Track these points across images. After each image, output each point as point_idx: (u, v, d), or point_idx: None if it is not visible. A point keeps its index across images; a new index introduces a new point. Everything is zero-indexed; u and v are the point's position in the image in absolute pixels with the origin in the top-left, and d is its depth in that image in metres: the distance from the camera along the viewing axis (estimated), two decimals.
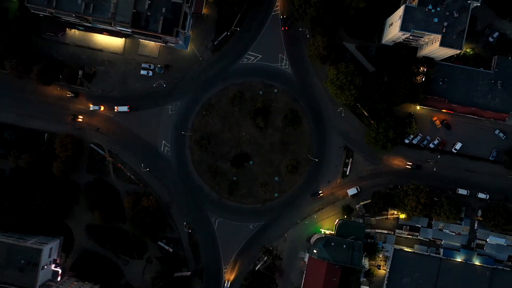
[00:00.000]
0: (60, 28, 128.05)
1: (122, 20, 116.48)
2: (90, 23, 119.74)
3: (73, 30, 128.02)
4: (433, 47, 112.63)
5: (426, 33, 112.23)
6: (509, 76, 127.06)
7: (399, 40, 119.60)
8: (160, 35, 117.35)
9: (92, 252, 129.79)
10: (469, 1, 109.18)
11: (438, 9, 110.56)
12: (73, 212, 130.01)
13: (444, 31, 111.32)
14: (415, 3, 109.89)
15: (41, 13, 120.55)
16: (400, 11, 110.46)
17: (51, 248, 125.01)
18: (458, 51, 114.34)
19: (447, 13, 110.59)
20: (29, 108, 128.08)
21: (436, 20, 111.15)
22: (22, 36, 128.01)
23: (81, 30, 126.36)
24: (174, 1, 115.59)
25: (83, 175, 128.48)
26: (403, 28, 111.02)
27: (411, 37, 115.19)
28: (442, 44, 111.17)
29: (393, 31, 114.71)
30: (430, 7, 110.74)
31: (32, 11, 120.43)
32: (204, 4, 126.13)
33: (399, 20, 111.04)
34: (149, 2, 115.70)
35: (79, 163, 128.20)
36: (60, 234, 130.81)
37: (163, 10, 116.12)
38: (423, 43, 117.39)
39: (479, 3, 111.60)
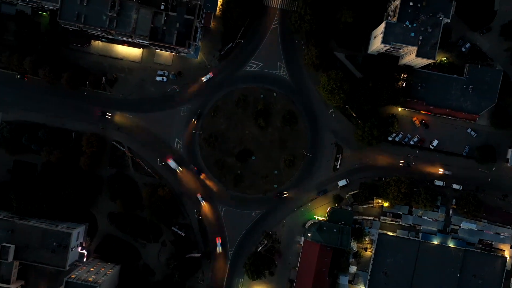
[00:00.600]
0: (85, 39, 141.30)
1: (141, 34, 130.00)
2: (112, 35, 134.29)
3: (97, 42, 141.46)
4: (411, 57, 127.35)
5: (404, 45, 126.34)
6: (479, 82, 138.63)
7: (382, 51, 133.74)
8: (174, 47, 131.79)
9: (114, 237, 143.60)
10: (440, 18, 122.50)
11: (414, 25, 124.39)
12: (97, 201, 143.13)
13: (419, 43, 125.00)
14: (395, 20, 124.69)
15: (70, 27, 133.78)
16: (382, 26, 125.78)
17: (78, 233, 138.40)
18: (432, 61, 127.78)
19: (422, 28, 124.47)
20: (59, 110, 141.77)
21: (412, 34, 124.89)
22: (53, 47, 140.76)
23: (104, 41, 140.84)
24: (186, 17, 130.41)
25: (106, 169, 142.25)
26: (384, 41, 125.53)
27: (392, 48, 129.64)
28: (418, 54, 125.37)
29: (377, 43, 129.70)
30: (407, 23, 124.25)
31: (62, 25, 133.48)
32: (212, 19, 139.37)
33: (381, 34, 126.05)
34: (165, 18, 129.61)
35: (102, 158, 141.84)
36: (85, 221, 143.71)
37: (177, 25, 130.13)
38: (403, 53, 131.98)
39: (449, 19, 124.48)
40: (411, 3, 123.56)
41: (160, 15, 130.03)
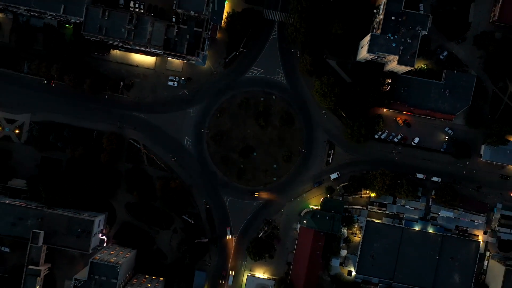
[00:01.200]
0: (105, 49, 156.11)
1: (156, 44, 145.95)
2: (130, 45, 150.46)
3: (115, 51, 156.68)
4: (393, 64, 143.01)
5: (387, 54, 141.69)
6: (455, 86, 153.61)
7: (368, 59, 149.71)
8: (185, 55, 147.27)
9: (130, 224, 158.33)
10: (418, 31, 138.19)
11: (396, 36, 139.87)
12: (116, 193, 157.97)
13: (400, 53, 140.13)
14: (379, 32, 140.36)
15: (92, 38, 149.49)
16: (368, 38, 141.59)
17: (99, 221, 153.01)
18: (411, 68, 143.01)
19: (402, 40, 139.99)
20: (82, 112, 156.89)
21: (394, 45, 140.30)
22: (77, 55, 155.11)
23: (122, 50, 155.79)
24: (195, 29, 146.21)
25: (123, 164, 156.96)
26: (369, 50, 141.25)
27: (376, 57, 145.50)
28: (399, 62, 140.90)
29: (364, 52, 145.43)
30: (389, 35, 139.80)
31: (85, 37, 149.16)
32: (218, 31, 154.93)
33: (367, 44, 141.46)
34: (177, 30, 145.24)
35: (120, 155, 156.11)
36: (105, 210, 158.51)
37: (187, 36, 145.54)
38: (386, 61, 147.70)
39: (427, 32, 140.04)
40: (393, 18, 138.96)
41: (172, 28, 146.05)
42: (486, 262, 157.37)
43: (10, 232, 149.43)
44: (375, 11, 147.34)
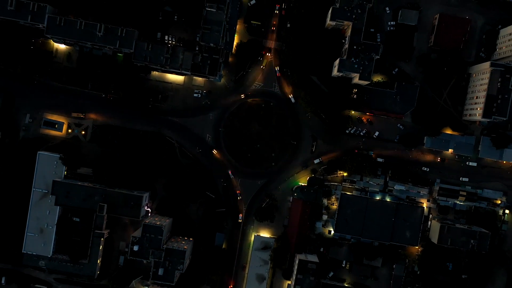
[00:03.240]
0: (148, 71, 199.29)
1: (185, 68, 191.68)
2: (166, 68, 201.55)
3: (155, 72, 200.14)
4: (357, 79, 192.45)
5: (351, 72, 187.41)
6: (404, 93, 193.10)
7: (339, 75, 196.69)
8: (206, 75, 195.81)
9: (167, 199, 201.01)
10: (373, 56, 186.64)
11: (357, 60, 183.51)
12: (157, 176, 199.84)
13: (360, 71, 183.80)
14: (345, 57, 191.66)
15: (139, 63, 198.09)
16: (337, 61, 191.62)
17: (145, 196, 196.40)
18: (369, 82, 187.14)
19: (362, 62, 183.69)
20: (131, 117, 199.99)
21: (356, 66, 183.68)
22: (127, 76, 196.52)
23: (159, 71, 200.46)
24: (214, 56, 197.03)
25: (162, 154, 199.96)
26: (339, 70, 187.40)
27: (344, 74, 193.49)
28: (360, 78, 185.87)
29: (335, 71, 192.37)
30: (352, 59, 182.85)
31: (134, 63, 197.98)
32: (229, 56, 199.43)
33: (337, 66, 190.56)
34: (200, 57, 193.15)
35: (160, 148, 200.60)
36: (149, 190, 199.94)
37: (208, 61, 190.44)
38: (352, 76, 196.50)
39: (379, 56, 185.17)
40: (355, 47, 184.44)
41: (197, 55, 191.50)
42: (429, 222, 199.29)
43: (81, 205, 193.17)
44: (343, 41, 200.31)
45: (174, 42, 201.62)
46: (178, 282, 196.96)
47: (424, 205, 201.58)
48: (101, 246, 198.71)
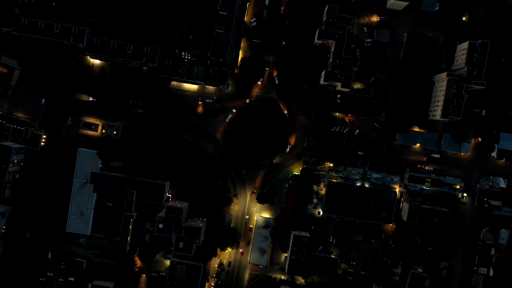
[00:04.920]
0: (168, 81, 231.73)
1: (199, 79, 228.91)
2: (183, 79, 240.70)
3: (174, 82, 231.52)
4: (339, 87, 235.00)
5: (335, 82, 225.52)
6: (379, 98, 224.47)
7: (326, 84, 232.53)
8: (217, 84, 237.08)
9: (184, 187, 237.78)
10: (352, 68, 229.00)
11: (340, 71, 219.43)
12: (175, 168, 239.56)
13: (342, 80, 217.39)
14: (329, 69, 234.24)
15: (161, 75, 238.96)
16: (323, 72, 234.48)
17: (167, 184, 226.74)
18: (349, 89, 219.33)
19: (343, 73, 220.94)
20: (155, 120, 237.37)
21: (338, 76, 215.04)
22: (150, 86, 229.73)
23: (177, 81, 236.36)
24: (223, 69, 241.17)
25: (180, 151, 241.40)
26: (324, 80, 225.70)
27: (329, 83, 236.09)
28: (341, 86, 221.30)
29: (322, 80, 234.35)
30: (335, 71, 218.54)
31: (157, 75, 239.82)
32: (235, 68, 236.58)
33: (323, 76, 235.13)
34: (212, 70, 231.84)
35: (178, 145, 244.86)
36: (170, 179, 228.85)
37: (218, 73, 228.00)
38: (335, 85, 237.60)
39: (357, 68, 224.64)
40: (337, 61, 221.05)
41: (209, 68, 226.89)
42: (401, 204, 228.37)
43: (114, 192, 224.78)
44: (328, 55, 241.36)
45: (189, 57, 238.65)
46: (195, 254, 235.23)
47: (397, 190, 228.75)
48: (130, 226, 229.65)
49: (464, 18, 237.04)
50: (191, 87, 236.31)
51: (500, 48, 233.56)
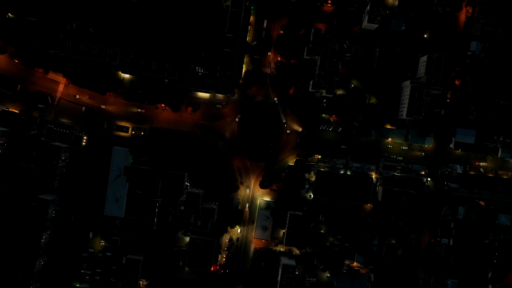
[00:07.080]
0: (185, 90, 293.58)
1: (211, 88, 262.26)
2: (197, 88, 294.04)
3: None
4: (325, 93, 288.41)
5: (321, 89, 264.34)
6: (357, 101, 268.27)
7: (314, 90, 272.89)
8: (225, 93, 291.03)
9: (200, 178, 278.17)
10: (335, 78, 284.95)
11: (324, 80, 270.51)
12: (192, 162, 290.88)
13: (326, 88, 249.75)
14: (316, 79, 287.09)
15: (180, 86, 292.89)
16: (311, 82, 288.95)
17: (186, 175, 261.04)
18: (332, 95, 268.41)
19: (327, 82, 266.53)
20: (175, 123, 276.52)
21: (323, 84, 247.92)
22: (171, 95, 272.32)
23: (193, 91, 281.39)
24: (230, 80, 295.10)
25: (195, 147, 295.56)
26: (312, 88, 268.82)
27: (316, 90, 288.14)
28: (326, 93, 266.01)
29: (310, 88, 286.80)
30: (321, 80, 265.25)
31: (177, 85, 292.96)
32: (240, 79, 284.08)
33: (311, 85, 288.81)
34: (221, 81, 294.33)
35: (194, 144, 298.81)
36: (188, 171, 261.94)
37: (226, 84, 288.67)
38: (321, 91, 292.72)
39: (338, 78, 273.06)
40: (322, 72, 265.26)
41: (218, 80, 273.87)
42: (377, 188, 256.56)
43: (143, 181, 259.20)
44: (315, 68, 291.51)
45: (202, 71, 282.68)
46: (210, 231, 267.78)
47: (373, 176, 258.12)
48: (156, 209, 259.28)
49: (425, 36, 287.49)
50: (204, 95, 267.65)
51: (454, 60, 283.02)
